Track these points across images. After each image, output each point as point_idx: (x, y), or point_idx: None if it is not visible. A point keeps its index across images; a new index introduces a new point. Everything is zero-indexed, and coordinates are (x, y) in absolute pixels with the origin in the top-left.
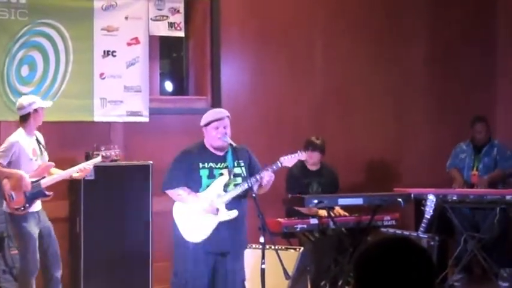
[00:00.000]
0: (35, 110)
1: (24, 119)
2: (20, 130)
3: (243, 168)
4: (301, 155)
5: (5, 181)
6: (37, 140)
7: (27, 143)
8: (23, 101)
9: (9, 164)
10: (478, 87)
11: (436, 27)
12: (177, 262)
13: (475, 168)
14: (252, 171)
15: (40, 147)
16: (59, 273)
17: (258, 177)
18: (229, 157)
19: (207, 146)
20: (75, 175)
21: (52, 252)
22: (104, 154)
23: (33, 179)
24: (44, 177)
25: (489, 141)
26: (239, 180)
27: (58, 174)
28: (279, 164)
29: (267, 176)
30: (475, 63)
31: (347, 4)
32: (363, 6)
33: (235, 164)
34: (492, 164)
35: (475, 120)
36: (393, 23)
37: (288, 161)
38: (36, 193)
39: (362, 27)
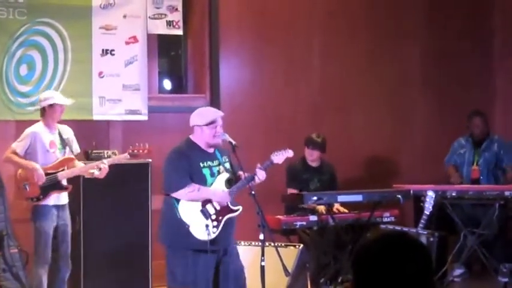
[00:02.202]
0: (50, 106)
1: (41, 113)
2: (40, 123)
3: (228, 164)
4: (289, 153)
5: (20, 171)
6: (59, 134)
7: (45, 135)
8: (42, 95)
9: (27, 155)
10: (476, 85)
11: (434, 26)
12: (175, 267)
13: (475, 163)
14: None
15: (62, 142)
16: (66, 274)
17: (253, 176)
18: (218, 154)
19: (199, 144)
20: (96, 173)
21: (63, 251)
22: (130, 151)
23: (51, 171)
24: (62, 170)
25: (488, 135)
26: (228, 175)
27: (77, 168)
28: (270, 163)
29: (260, 176)
30: (472, 61)
31: (345, 2)
32: (361, 4)
33: (224, 160)
34: (493, 159)
35: (472, 114)
36: (391, 21)
37: (278, 158)
38: (52, 185)
39: (360, 25)
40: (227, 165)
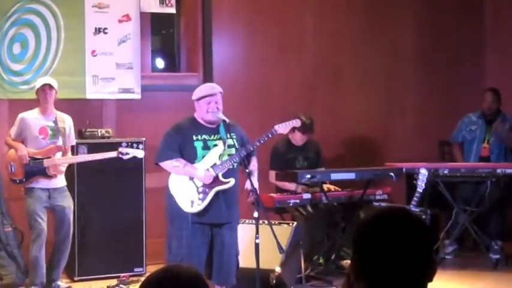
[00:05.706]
0: (39, 89)
1: (37, 99)
2: (36, 109)
3: (235, 141)
4: (296, 122)
5: (9, 152)
6: (55, 121)
7: (36, 121)
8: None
9: (21, 140)
10: (468, 62)
11: (426, 2)
12: (171, 239)
13: (486, 141)
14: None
15: (56, 129)
16: (62, 261)
17: (251, 147)
18: (222, 129)
19: (198, 119)
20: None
21: (61, 236)
22: (120, 150)
23: (37, 157)
24: (49, 157)
25: (499, 113)
26: (233, 151)
27: (63, 158)
28: (274, 132)
29: (250, 147)
30: (465, 38)
31: None
32: None
33: (228, 136)
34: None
35: (486, 89)
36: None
37: (283, 128)
38: (36, 170)
39: (353, 2)
40: (231, 141)
